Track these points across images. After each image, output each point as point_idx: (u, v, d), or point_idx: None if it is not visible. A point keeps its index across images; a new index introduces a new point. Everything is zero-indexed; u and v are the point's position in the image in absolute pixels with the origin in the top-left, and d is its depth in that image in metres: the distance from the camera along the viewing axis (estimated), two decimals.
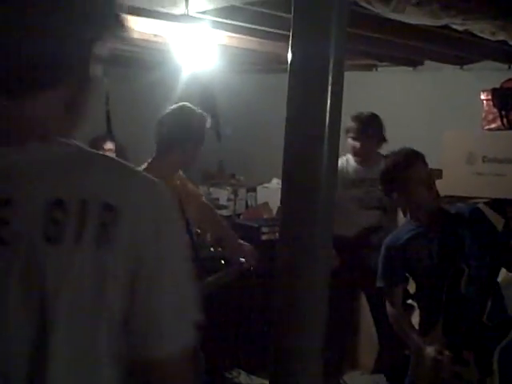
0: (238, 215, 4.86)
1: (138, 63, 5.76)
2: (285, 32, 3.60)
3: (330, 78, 0.87)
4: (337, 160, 0.84)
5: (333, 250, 3.09)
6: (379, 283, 2.75)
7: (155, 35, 3.91)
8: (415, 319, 2.87)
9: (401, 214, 3.37)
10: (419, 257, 2.63)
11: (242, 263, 3.01)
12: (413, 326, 2.74)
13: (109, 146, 4.89)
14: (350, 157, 3.59)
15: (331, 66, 0.87)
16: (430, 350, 2.47)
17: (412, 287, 2.84)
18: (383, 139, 3.56)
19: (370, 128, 3.51)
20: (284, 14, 3.19)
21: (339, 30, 0.87)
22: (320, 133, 0.85)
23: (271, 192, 4.66)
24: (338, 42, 0.87)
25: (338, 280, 3.22)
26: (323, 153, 0.85)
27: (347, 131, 3.56)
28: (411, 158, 2.64)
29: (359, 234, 3.27)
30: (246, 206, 5.10)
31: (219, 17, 3.30)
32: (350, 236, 3.33)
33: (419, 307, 2.81)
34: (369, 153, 3.55)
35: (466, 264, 2.49)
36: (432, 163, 4.12)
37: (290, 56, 0.91)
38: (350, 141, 3.56)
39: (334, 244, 3.04)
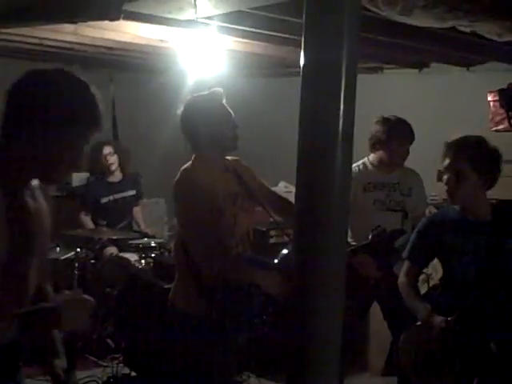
0: None
1: (145, 68, 5.78)
2: (290, 36, 3.61)
3: (343, 82, 0.87)
4: (350, 164, 0.85)
5: (372, 260, 3.10)
6: (404, 254, 2.76)
7: (161, 41, 3.93)
8: None
9: None
10: (462, 248, 2.57)
11: None
12: (422, 297, 2.75)
13: (107, 150, 5.01)
14: (368, 161, 3.56)
15: (344, 70, 0.88)
16: (439, 320, 2.50)
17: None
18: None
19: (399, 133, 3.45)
20: (290, 18, 3.19)
21: (351, 34, 0.88)
22: (333, 137, 0.85)
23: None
24: (350, 46, 0.87)
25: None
26: (337, 157, 0.85)
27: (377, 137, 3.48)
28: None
29: (384, 236, 3.22)
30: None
31: (226, 22, 3.31)
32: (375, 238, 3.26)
33: (443, 292, 2.76)
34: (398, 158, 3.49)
35: None
36: (438, 165, 4.12)
37: (302, 61, 0.91)
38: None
39: (361, 250, 3.03)
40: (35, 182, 1.65)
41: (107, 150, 5.01)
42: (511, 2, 2.75)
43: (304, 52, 0.90)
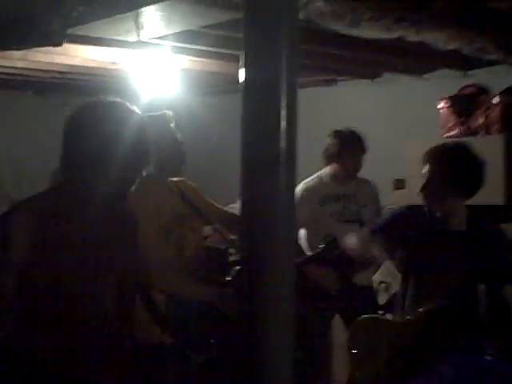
0: (205, 238, 4.79)
1: (98, 91, 5.71)
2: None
3: (284, 97, 0.86)
4: (294, 179, 0.84)
5: (330, 271, 3.09)
6: (374, 226, 2.75)
7: (113, 63, 3.89)
8: None
9: None
10: (423, 255, 2.51)
11: None
12: None
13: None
14: (323, 174, 3.57)
15: (284, 84, 0.87)
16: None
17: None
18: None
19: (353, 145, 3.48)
20: (241, 36, 3.20)
21: (289, 48, 0.87)
22: (276, 152, 0.84)
23: (238, 213, 4.61)
24: (289, 61, 0.86)
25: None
26: (280, 172, 0.85)
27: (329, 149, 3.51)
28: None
29: (335, 245, 3.22)
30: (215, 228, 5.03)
31: (178, 42, 3.30)
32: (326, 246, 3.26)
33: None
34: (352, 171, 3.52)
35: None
36: (393, 174, 4.16)
37: (241, 77, 0.91)
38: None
39: (318, 263, 3.01)
40: None
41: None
42: (457, 10, 2.80)
43: (243, 68, 0.89)
